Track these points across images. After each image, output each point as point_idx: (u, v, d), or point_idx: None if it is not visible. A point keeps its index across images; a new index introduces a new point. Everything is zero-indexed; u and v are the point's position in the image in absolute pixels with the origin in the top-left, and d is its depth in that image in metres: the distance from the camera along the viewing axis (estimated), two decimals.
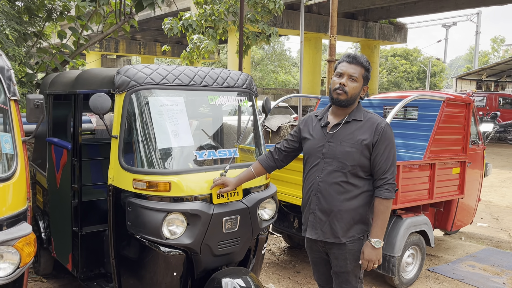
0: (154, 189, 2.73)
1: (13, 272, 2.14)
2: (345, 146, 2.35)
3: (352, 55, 2.41)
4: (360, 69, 2.37)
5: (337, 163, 2.36)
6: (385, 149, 2.33)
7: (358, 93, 2.39)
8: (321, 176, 2.40)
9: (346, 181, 2.36)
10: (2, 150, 2.27)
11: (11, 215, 2.19)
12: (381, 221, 2.35)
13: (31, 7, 7.19)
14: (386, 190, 2.34)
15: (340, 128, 2.40)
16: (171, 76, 2.96)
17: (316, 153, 2.44)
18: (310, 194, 2.46)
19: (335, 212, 2.39)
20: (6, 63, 2.39)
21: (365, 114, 2.42)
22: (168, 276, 2.84)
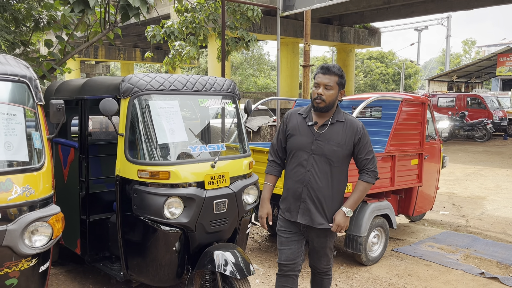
0: (155, 177, 3.27)
1: (47, 243, 2.65)
2: (332, 145, 2.74)
3: (326, 66, 2.74)
4: (334, 78, 2.71)
5: (325, 159, 2.75)
6: (365, 144, 2.78)
7: (335, 98, 2.75)
8: (310, 170, 2.77)
9: (334, 173, 2.76)
10: (34, 145, 2.78)
11: (43, 198, 2.69)
12: (357, 196, 2.80)
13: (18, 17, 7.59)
14: (367, 175, 2.80)
15: (327, 128, 2.76)
16: (167, 83, 3.51)
17: (304, 148, 2.79)
18: (302, 185, 2.80)
19: (324, 201, 2.78)
20: (33, 74, 2.89)
21: (344, 116, 2.83)
22: (169, 252, 3.38)
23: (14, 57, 2.94)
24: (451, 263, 4.97)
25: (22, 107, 2.78)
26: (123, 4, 7.58)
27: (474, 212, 7.45)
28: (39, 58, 8.04)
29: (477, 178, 10.64)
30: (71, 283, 4.23)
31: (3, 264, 2.49)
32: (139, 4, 7.76)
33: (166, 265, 3.42)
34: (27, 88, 2.83)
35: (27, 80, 2.82)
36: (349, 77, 27.53)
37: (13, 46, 7.61)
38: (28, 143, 2.74)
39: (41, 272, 2.73)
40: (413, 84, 52.20)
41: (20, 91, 2.80)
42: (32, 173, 2.66)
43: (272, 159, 3.02)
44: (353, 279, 4.48)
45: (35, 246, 2.59)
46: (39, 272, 2.71)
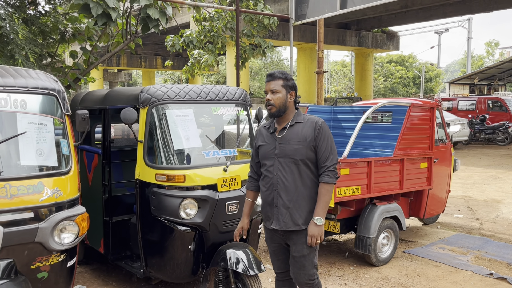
0: (172, 180, 3.53)
1: (74, 240, 2.93)
2: (293, 144, 2.75)
3: (269, 73, 2.83)
4: (278, 81, 2.77)
5: (289, 159, 2.75)
6: (323, 142, 2.74)
7: (285, 100, 2.77)
8: (277, 174, 2.77)
9: (299, 173, 2.74)
10: (62, 151, 3.07)
11: (70, 199, 2.98)
12: (322, 202, 2.72)
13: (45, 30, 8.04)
14: (326, 176, 2.73)
15: (287, 130, 2.79)
16: (183, 93, 3.77)
17: (270, 155, 2.81)
18: (272, 190, 2.81)
19: (293, 202, 2.75)
20: (61, 87, 3.20)
21: (305, 117, 2.84)
22: (184, 250, 3.63)
23: (44, 72, 3.24)
24: (460, 264, 5.08)
25: (52, 117, 3.08)
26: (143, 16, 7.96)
27: (488, 215, 7.48)
28: (65, 69, 8.47)
29: (495, 182, 10.59)
30: (95, 281, 4.53)
31: (35, 258, 2.77)
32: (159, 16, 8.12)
33: (182, 263, 3.67)
34: (55, 100, 3.13)
35: (56, 93, 3.13)
36: (368, 81, 27.52)
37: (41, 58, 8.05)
38: (57, 150, 3.04)
39: (68, 267, 3.01)
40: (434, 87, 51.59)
41: (49, 103, 3.11)
42: (61, 177, 2.95)
43: (249, 175, 3.08)
44: (362, 279, 4.64)
45: (63, 242, 2.87)
46: (67, 267, 2.99)
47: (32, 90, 2.97)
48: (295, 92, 2.83)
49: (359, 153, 6.15)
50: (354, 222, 5.11)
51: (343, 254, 5.46)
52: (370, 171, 4.71)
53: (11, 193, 2.67)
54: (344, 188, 4.52)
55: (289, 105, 2.82)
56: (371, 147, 6.04)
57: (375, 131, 6.02)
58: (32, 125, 2.93)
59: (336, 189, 4.42)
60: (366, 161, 4.74)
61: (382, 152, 5.79)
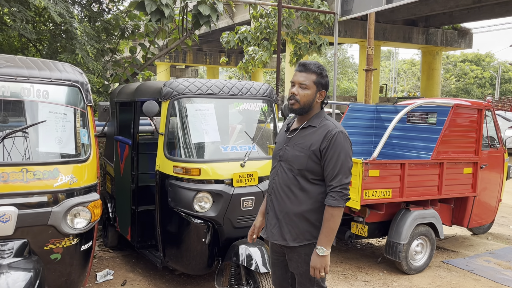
0: (188, 173, 3.58)
1: (87, 225, 3.07)
2: (295, 150, 2.38)
3: (303, 63, 2.38)
4: (311, 76, 2.36)
5: (288, 166, 2.40)
6: (332, 156, 2.29)
7: (312, 99, 2.38)
8: (275, 178, 2.46)
9: (295, 185, 2.37)
10: (81, 140, 3.23)
11: (85, 186, 3.12)
12: (326, 228, 2.28)
13: (108, 27, 8.50)
14: (331, 197, 2.29)
15: (297, 133, 2.43)
16: (205, 87, 3.81)
17: (275, 156, 2.51)
18: (268, 194, 2.53)
19: (284, 215, 2.40)
20: (85, 79, 3.36)
21: (322, 121, 2.40)
22: (199, 243, 3.66)
23: (70, 65, 3.42)
24: (503, 279, 4.66)
25: (73, 107, 3.24)
26: (194, 13, 8.15)
27: None
28: (124, 64, 8.91)
29: None
30: (124, 266, 4.72)
31: (48, 240, 2.94)
32: (209, 12, 8.26)
33: (198, 255, 3.71)
34: (79, 91, 3.29)
35: (79, 84, 3.28)
36: (435, 81, 26.17)
37: (102, 53, 8.54)
38: (76, 139, 3.19)
39: (83, 250, 3.16)
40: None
41: (72, 94, 3.27)
42: (77, 164, 3.10)
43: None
44: (389, 286, 4.42)
45: (76, 227, 3.02)
46: (80, 250, 3.14)
47: (55, 81, 3.15)
48: (325, 93, 2.43)
49: (401, 155, 5.85)
50: (386, 227, 4.88)
51: (375, 259, 5.24)
52: (403, 174, 4.46)
53: (27, 177, 2.85)
54: (373, 191, 4.33)
55: (315, 105, 2.42)
56: (414, 149, 5.72)
57: (419, 132, 5.70)
58: (53, 114, 3.10)
59: (364, 191, 4.24)
60: (399, 163, 4.49)
61: (424, 154, 5.47)
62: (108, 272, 4.46)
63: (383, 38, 22.90)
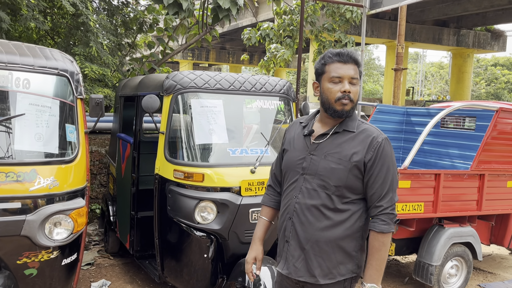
0: (190, 179, 3.12)
1: (68, 237, 2.65)
2: (329, 161, 1.87)
3: (344, 52, 1.90)
4: (357, 68, 1.91)
5: (318, 181, 1.88)
6: (381, 170, 1.85)
7: (359, 96, 1.96)
8: (298, 197, 1.92)
9: (328, 205, 1.86)
10: (67, 138, 2.81)
11: (69, 191, 2.70)
12: (376, 260, 1.84)
13: (126, 21, 8.18)
14: (381, 221, 1.84)
15: (327, 138, 1.91)
16: (213, 81, 3.35)
17: (295, 167, 1.96)
18: (285, 217, 1.97)
19: (312, 244, 1.88)
20: (75, 68, 2.94)
21: (359, 124, 1.93)
22: (201, 258, 3.21)
23: (60, 52, 3.01)
24: None
25: (58, 99, 2.82)
26: (214, 6, 7.72)
27: None
28: (142, 59, 8.57)
29: None
30: (123, 276, 4.30)
31: (21, 253, 2.53)
32: (229, 5, 7.80)
33: (199, 272, 3.25)
34: (67, 81, 2.88)
35: (67, 74, 2.87)
36: (466, 84, 25.11)
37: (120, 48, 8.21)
38: (60, 136, 2.78)
39: (64, 265, 2.74)
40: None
41: (59, 84, 2.86)
42: (60, 165, 2.68)
43: (268, 184, 2.21)
44: None
45: (55, 238, 2.60)
46: (61, 264, 2.72)
47: (38, 69, 2.74)
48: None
49: (433, 163, 5.27)
50: (416, 244, 4.32)
51: (401, 278, 4.68)
52: (438, 186, 3.90)
53: None
54: (403, 204, 3.78)
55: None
56: (448, 157, 5.13)
57: (454, 138, 5.11)
58: (34, 107, 2.69)
59: None
60: (433, 173, 3.93)
61: (460, 164, 4.88)
62: (104, 283, 4.05)
63: (411, 39, 22.02)
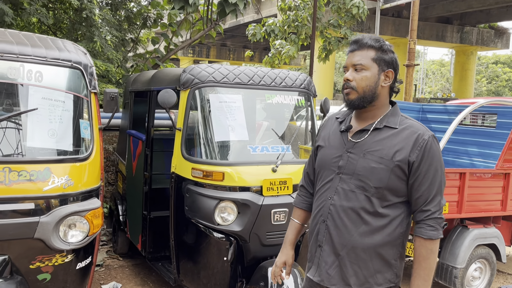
0: (209, 178, 2.97)
1: (83, 240, 2.49)
2: (369, 160, 1.72)
3: (355, 39, 1.78)
4: (368, 52, 1.73)
5: (357, 182, 1.73)
6: (428, 171, 1.69)
7: (374, 84, 1.72)
8: (333, 198, 1.77)
9: (367, 208, 1.72)
10: (81, 134, 2.65)
11: (84, 191, 2.54)
12: (424, 270, 1.69)
13: (130, 16, 8.01)
14: (429, 227, 1.68)
15: (368, 135, 1.76)
16: (232, 75, 3.18)
17: (330, 165, 1.82)
18: (318, 220, 1.82)
19: (348, 250, 1.74)
20: (89, 61, 2.78)
21: (403, 120, 1.76)
22: (220, 261, 3.05)
23: (73, 43, 2.85)
24: None
25: (72, 93, 2.66)
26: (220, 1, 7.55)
27: None
28: (146, 54, 8.41)
29: None
30: (133, 278, 4.15)
31: (35, 257, 2.37)
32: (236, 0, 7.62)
33: (218, 275, 3.10)
34: (81, 74, 2.72)
35: (81, 66, 2.70)
36: (468, 82, 24.99)
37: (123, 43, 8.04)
38: (74, 132, 2.62)
39: (79, 269, 2.59)
40: None
41: (72, 78, 2.70)
42: (75, 163, 2.52)
43: (301, 184, 2.07)
44: None
45: (69, 241, 2.44)
46: (76, 269, 2.57)
47: (51, 61, 2.57)
48: (394, 73, 1.74)
49: (450, 161, 5.12)
50: None
51: None
52: (463, 185, 3.75)
53: (10, 178, 2.28)
54: None
55: (381, 92, 1.75)
56: (467, 155, 4.98)
57: (473, 136, 4.95)
58: (47, 101, 2.53)
59: None
60: (458, 172, 3.78)
61: (480, 162, 4.72)
62: (115, 285, 3.90)
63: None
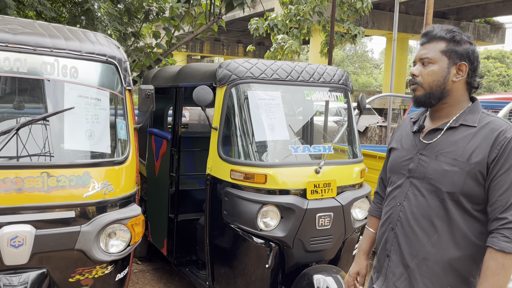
0: (250, 180, 2.78)
1: (124, 250, 2.30)
2: (442, 162, 1.56)
3: (425, 31, 1.65)
4: (437, 45, 1.58)
5: (428, 186, 1.58)
6: (506, 173, 1.48)
7: (443, 79, 1.57)
8: (403, 204, 1.64)
9: (442, 216, 1.56)
10: (118, 135, 2.45)
11: (124, 196, 2.35)
12: (490, 286, 1.46)
13: (130, 9, 7.76)
14: (503, 237, 1.46)
15: (441, 136, 1.60)
16: (270, 70, 3.00)
17: (400, 168, 1.69)
18: (387, 228, 1.70)
19: (419, 261, 1.60)
20: (123, 55, 2.57)
21: (484, 118, 1.57)
22: (260, 268, 2.88)
23: (105, 36, 2.64)
24: None
25: (109, 91, 2.46)
26: None
27: None
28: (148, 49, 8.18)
29: None
30: (156, 284, 3.97)
31: (75, 270, 2.18)
32: None
33: (257, 283, 2.93)
34: (115, 70, 2.52)
35: (116, 61, 2.50)
36: None
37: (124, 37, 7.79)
38: (111, 133, 2.42)
39: (117, 280, 2.40)
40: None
41: (107, 73, 2.50)
42: (114, 167, 2.33)
43: (376, 191, 1.95)
44: None
45: (110, 251, 2.25)
46: (115, 280, 2.38)
47: (86, 56, 2.37)
48: (467, 66, 1.57)
49: None
50: None
51: None
52: None
53: (48, 184, 2.08)
54: None
55: (454, 88, 1.59)
56: None
57: None
58: (83, 100, 2.32)
59: None
60: None
61: None
62: None
63: (412, 30, 21.78)
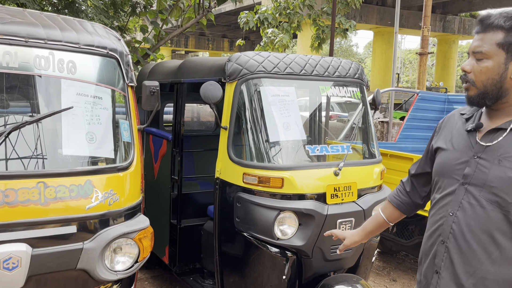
0: (265, 184, 2.55)
1: (132, 267, 2.05)
2: (507, 169, 1.35)
3: (480, 17, 1.42)
4: (493, 36, 1.36)
5: (489, 196, 1.37)
6: None
7: (498, 76, 1.36)
8: (456, 214, 1.43)
9: (504, 230, 1.36)
10: (121, 138, 2.19)
11: (130, 207, 2.09)
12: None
13: (117, 2, 7.41)
14: None
15: (504, 137, 1.38)
16: (283, 64, 2.76)
17: (452, 173, 1.47)
18: (436, 240, 1.48)
19: (476, 281, 1.40)
20: (124, 48, 2.31)
21: None
22: (276, 279, 2.66)
23: (104, 26, 2.37)
24: None
25: (110, 88, 2.19)
26: None
27: None
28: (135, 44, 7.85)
29: None
30: None
31: None
32: None
33: None
34: (117, 64, 2.24)
35: (117, 54, 2.23)
36: (450, 70, 25.23)
37: None
38: (114, 135, 2.15)
39: None
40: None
41: (108, 68, 2.22)
42: (118, 173, 2.07)
43: (402, 180, 1.79)
44: None
45: (116, 269, 1.99)
46: None
47: (84, 48, 2.09)
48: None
49: None
50: None
51: None
52: None
53: (45, 196, 1.81)
54: None
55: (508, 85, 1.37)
56: None
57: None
58: (82, 98, 2.05)
59: None
60: None
61: None
62: None
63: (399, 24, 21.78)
